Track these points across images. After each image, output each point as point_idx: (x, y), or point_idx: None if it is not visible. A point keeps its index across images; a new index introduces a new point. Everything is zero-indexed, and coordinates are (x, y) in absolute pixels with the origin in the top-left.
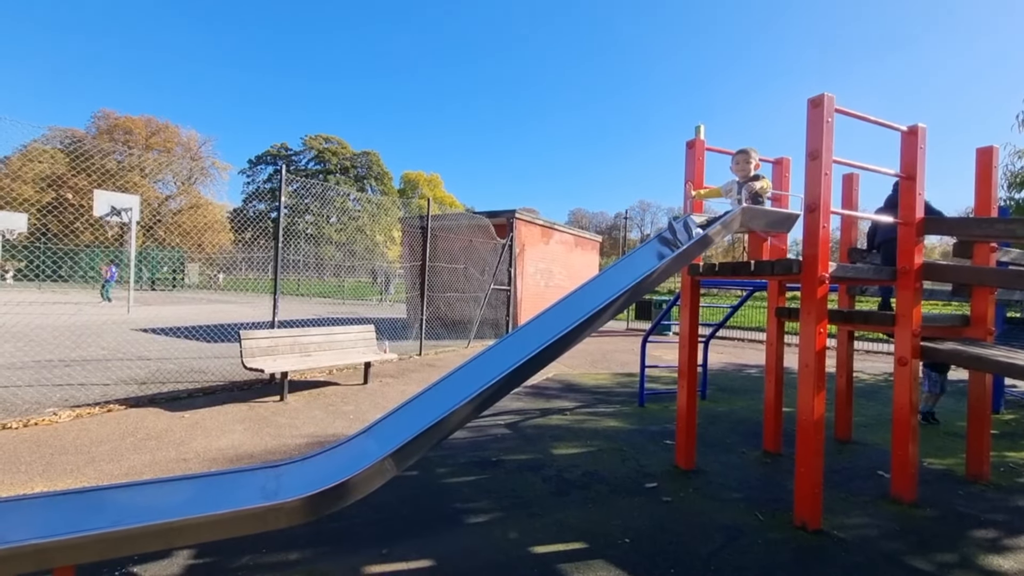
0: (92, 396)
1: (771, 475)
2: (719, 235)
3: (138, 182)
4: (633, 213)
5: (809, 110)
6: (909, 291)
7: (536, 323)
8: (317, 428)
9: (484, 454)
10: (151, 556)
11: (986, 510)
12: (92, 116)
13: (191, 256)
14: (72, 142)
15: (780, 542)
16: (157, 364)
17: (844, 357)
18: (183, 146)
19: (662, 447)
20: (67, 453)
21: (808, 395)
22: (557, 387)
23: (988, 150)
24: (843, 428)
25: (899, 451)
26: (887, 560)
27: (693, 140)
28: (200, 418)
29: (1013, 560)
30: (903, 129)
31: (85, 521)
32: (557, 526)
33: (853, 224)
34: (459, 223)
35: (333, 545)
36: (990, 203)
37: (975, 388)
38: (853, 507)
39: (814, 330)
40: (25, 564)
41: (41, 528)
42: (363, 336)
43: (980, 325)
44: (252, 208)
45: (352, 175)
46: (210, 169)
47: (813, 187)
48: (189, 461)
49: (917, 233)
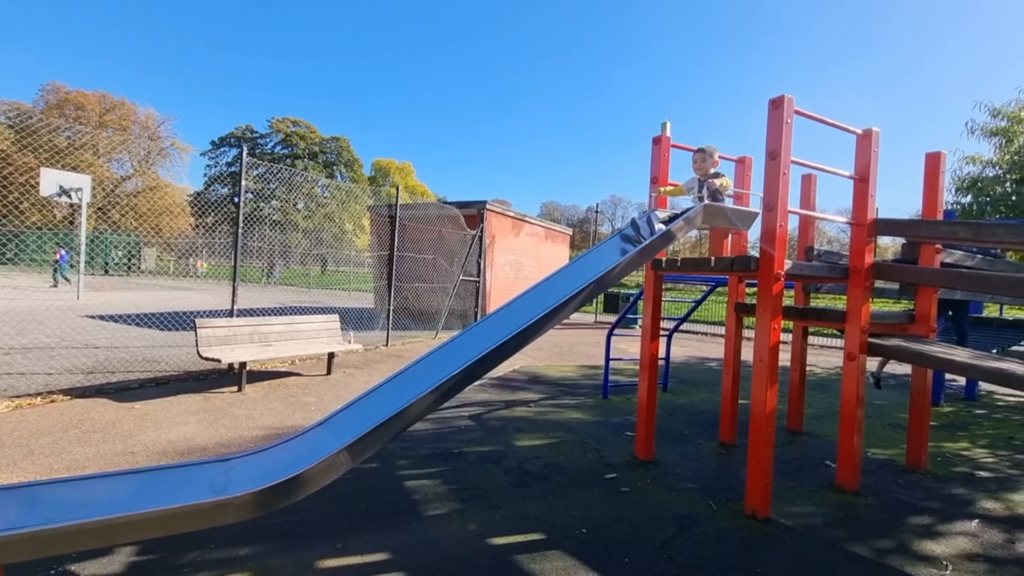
0: (34, 386)
1: (726, 465)
2: (681, 231)
3: (91, 161)
4: (605, 207)
5: (770, 110)
6: (859, 289)
7: (500, 314)
8: (276, 420)
9: (446, 446)
10: (90, 554)
11: (922, 498)
12: (40, 89)
13: (148, 240)
14: (17, 116)
15: (730, 530)
16: (106, 352)
17: (798, 351)
18: (140, 125)
19: (623, 439)
20: (3, 446)
21: (761, 388)
22: (523, 379)
23: (936, 156)
24: (795, 420)
25: (845, 442)
26: (830, 546)
27: (659, 136)
28: (151, 409)
29: (945, 545)
30: (858, 132)
31: (17, 518)
32: (517, 518)
33: (811, 223)
34: (429, 213)
35: (285, 540)
36: (937, 206)
37: (917, 382)
38: (801, 496)
39: (769, 325)
40: None
41: None
42: (327, 326)
43: (924, 323)
44: (214, 192)
45: (321, 160)
46: (170, 150)
47: (771, 186)
48: (137, 454)
49: (868, 234)
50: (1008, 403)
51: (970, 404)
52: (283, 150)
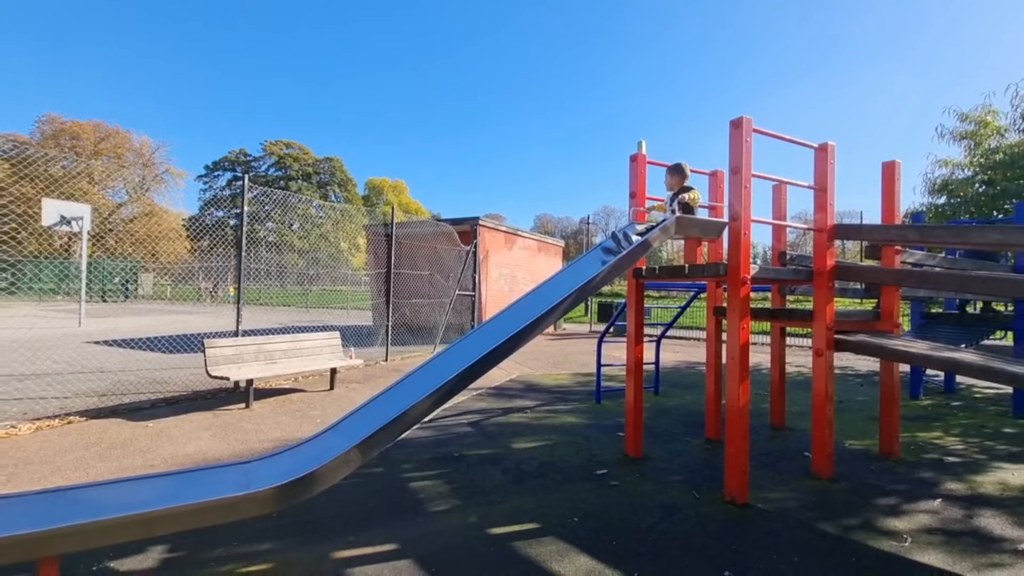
0: (51, 409)
1: (709, 459)
2: (657, 240)
3: (87, 189)
4: (597, 218)
5: (731, 130)
6: (824, 290)
7: (491, 324)
8: (284, 432)
9: (447, 450)
10: (128, 551)
11: (891, 482)
12: (36, 120)
13: (145, 266)
14: (14, 146)
15: (711, 515)
16: (116, 376)
17: (777, 352)
18: (135, 152)
19: (614, 439)
20: (31, 464)
21: (735, 384)
22: (519, 387)
23: (892, 164)
24: (778, 416)
25: (818, 433)
26: (801, 525)
27: (636, 154)
28: (165, 427)
29: (908, 521)
30: (814, 146)
31: (70, 514)
32: (513, 511)
33: (782, 231)
34: (424, 230)
35: (302, 535)
36: (894, 211)
37: (885, 375)
38: (778, 483)
39: (739, 325)
40: (14, 554)
41: (26, 522)
42: (328, 343)
43: (888, 319)
44: (210, 215)
45: (315, 181)
46: (164, 176)
47: (735, 198)
48: (157, 467)
49: (829, 238)
50: (985, 395)
51: (949, 397)
52: (276, 172)
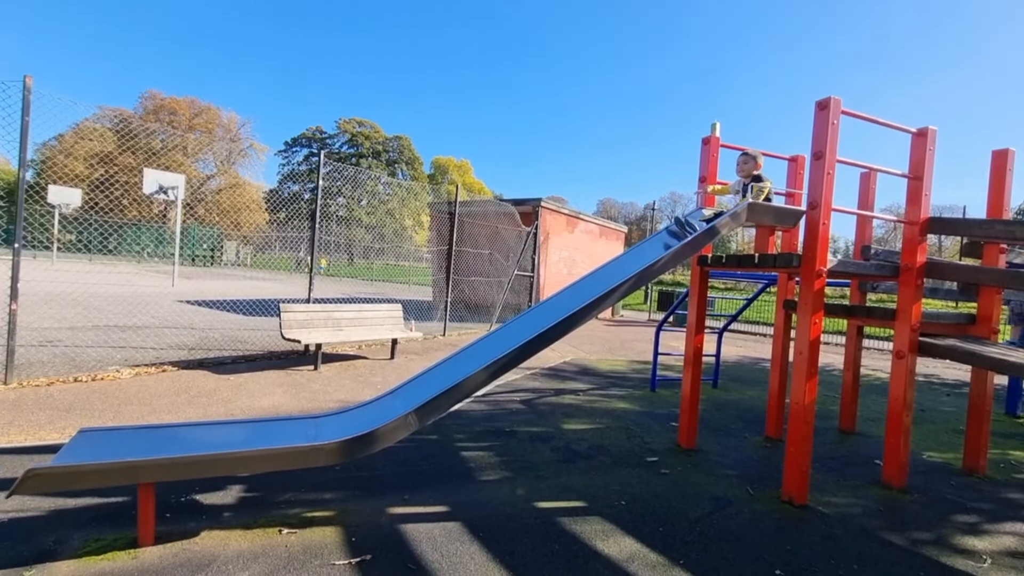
0: (148, 358)
1: (768, 458)
2: (726, 227)
3: (181, 161)
4: (663, 204)
5: (816, 112)
6: (910, 288)
7: (548, 304)
8: (347, 395)
9: (499, 425)
10: (210, 487)
11: (973, 499)
12: (140, 97)
13: (228, 234)
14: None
15: (764, 512)
16: (202, 333)
17: (852, 352)
18: (223, 127)
19: (667, 428)
20: (131, 404)
21: (801, 381)
22: (573, 370)
23: (1004, 152)
24: (848, 420)
25: (891, 439)
26: (863, 533)
27: (708, 137)
28: (243, 381)
29: (988, 541)
30: (912, 131)
31: (165, 448)
32: (560, 488)
33: (868, 223)
34: (486, 209)
35: (362, 490)
36: (1003, 205)
37: (976, 384)
38: (842, 489)
39: (810, 320)
40: (119, 478)
41: (130, 451)
42: (391, 315)
43: (985, 324)
44: (287, 189)
45: (384, 159)
46: (248, 150)
47: (816, 185)
48: (236, 416)
49: (921, 232)
50: None
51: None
52: (349, 149)
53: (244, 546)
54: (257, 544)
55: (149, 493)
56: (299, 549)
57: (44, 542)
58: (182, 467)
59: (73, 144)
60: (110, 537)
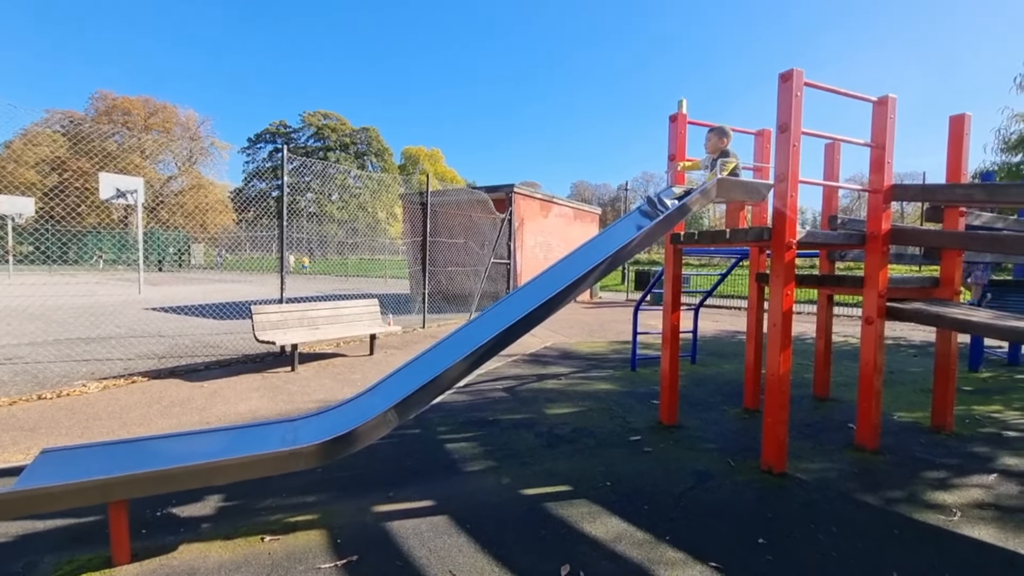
0: (116, 370)
1: (747, 429)
2: (696, 204)
3: (139, 163)
4: (636, 184)
5: (779, 84)
6: (876, 255)
7: (524, 290)
8: (327, 394)
9: (481, 414)
10: (187, 499)
11: (941, 455)
12: (89, 98)
13: (195, 237)
14: (71, 124)
15: (745, 483)
16: (173, 340)
17: (823, 321)
18: (182, 126)
19: (648, 406)
20: (101, 419)
21: (776, 351)
22: (554, 355)
23: (960, 118)
24: (821, 387)
25: (863, 403)
26: (841, 497)
27: (675, 114)
28: (218, 387)
29: (957, 495)
30: (873, 100)
31: (136, 463)
32: (546, 473)
33: (834, 193)
34: (459, 198)
35: (344, 490)
36: (961, 170)
37: (941, 345)
38: (818, 454)
39: (782, 291)
40: (89, 497)
41: (99, 469)
42: (368, 310)
43: (948, 286)
44: (253, 187)
45: (352, 151)
46: (210, 149)
47: (782, 158)
48: (212, 423)
49: (885, 200)
50: None
51: (1013, 369)
52: (315, 143)
53: (225, 557)
54: (239, 554)
55: (121, 511)
56: (283, 556)
57: (12, 568)
58: (154, 482)
59: (22, 151)
60: (83, 558)
